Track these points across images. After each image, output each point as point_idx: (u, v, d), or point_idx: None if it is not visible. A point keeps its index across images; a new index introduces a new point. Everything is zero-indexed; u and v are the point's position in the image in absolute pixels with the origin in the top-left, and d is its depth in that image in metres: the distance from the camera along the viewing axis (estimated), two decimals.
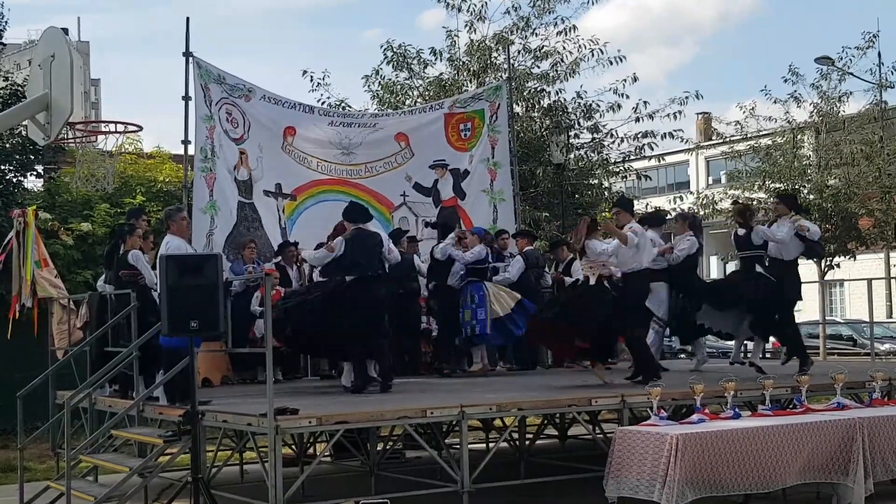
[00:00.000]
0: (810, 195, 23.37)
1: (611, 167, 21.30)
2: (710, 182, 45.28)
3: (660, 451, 7.96)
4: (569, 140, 19.87)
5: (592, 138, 20.93)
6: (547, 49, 20.32)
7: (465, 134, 15.54)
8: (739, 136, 26.20)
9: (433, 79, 20.42)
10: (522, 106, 20.12)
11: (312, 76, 20.33)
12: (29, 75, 11.49)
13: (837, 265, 25.21)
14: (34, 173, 18.53)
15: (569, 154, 20.08)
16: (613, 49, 20.50)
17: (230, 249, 12.91)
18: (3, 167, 17.36)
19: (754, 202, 24.09)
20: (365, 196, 14.35)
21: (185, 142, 13.05)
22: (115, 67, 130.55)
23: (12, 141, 17.11)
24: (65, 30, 11.25)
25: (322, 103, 19.48)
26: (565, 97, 20.52)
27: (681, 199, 24.62)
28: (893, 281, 31.28)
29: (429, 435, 10.57)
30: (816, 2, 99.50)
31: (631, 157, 21.46)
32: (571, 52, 20.15)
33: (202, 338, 9.45)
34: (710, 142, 34.46)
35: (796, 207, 11.57)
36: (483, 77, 19.81)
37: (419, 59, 20.48)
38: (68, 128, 11.67)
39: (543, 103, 20.41)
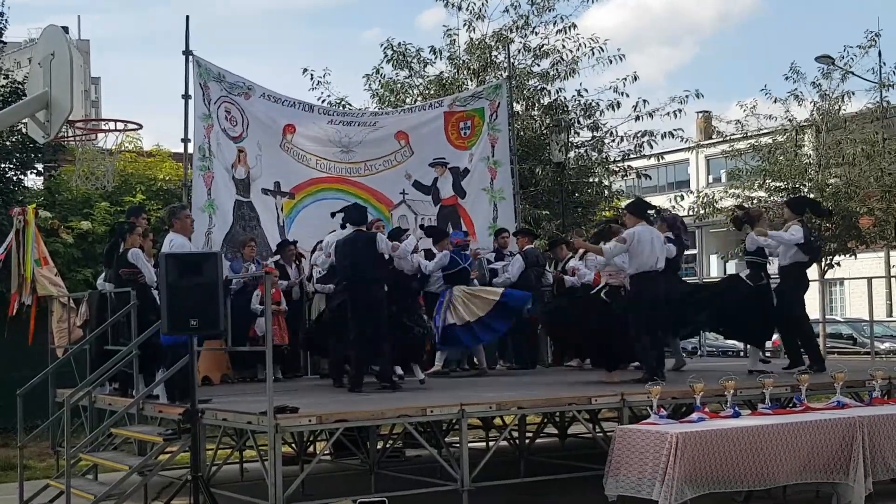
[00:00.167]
0: (810, 194, 23.35)
1: (610, 166, 21.27)
2: (711, 181, 45.28)
3: (660, 450, 7.96)
4: (569, 139, 19.86)
5: (592, 137, 20.93)
6: (547, 48, 20.32)
7: (465, 132, 15.53)
8: (740, 135, 26.19)
9: (433, 77, 20.41)
10: (522, 104, 20.11)
11: (313, 74, 20.36)
12: (29, 73, 11.48)
13: (838, 264, 25.20)
14: (34, 171, 18.55)
15: (569, 153, 20.07)
16: (613, 48, 20.56)
17: (228, 248, 12.91)
18: (4, 165, 17.36)
19: (754, 201, 24.17)
20: (364, 194, 14.36)
21: (185, 140, 13.05)
22: (115, 67, 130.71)
23: (12, 139, 17.10)
24: (65, 28, 11.22)
25: (322, 102, 19.48)
26: (565, 96, 20.57)
27: (681, 198, 24.54)
28: (893, 280, 31.26)
29: (429, 433, 10.57)
30: (816, 2, 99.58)
31: (631, 156, 21.43)
32: (571, 51, 20.18)
33: (202, 336, 9.46)
34: (711, 140, 34.46)
35: (799, 211, 11.51)
36: (483, 75, 19.80)
37: (419, 58, 20.47)
38: (68, 126, 11.70)
39: (543, 102, 20.41)
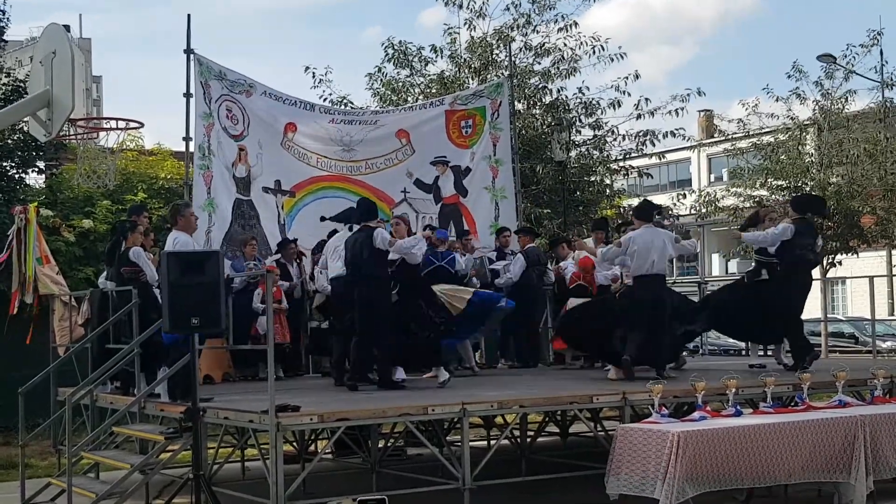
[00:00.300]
0: (812, 193, 23.32)
1: (612, 165, 21.26)
2: (713, 180, 45.24)
3: (661, 449, 7.95)
4: (570, 137, 19.85)
5: (594, 135, 20.91)
6: (548, 46, 20.30)
7: (467, 131, 15.53)
8: (742, 134, 26.14)
9: (434, 76, 20.40)
10: (524, 103, 20.09)
11: (314, 73, 20.35)
12: (30, 72, 11.47)
13: (839, 263, 25.17)
14: (36, 170, 18.55)
15: (570, 152, 20.06)
16: (614, 47, 20.52)
17: (228, 246, 12.91)
18: (5, 163, 17.37)
19: (755, 199, 24.15)
20: (365, 192, 14.32)
21: (187, 139, 13.06)
22: (116, 67, 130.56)
23: (14, 137, 17.11)
24: (66, 27, 11.21)
25: (324, 100, 19.48)
26: (567, 94, 20.55)
27: (683, 197, 24.52)
28: (895, 278, 31.25)
29: (430, 432, 10.58)
30: (816, 2, 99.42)
31: (632, 155, 21.41)
32: (572, 49, 20.17)
33: (204, 335, 9.46)
34: (712, 139, 34.42)
35: (800, 210, 11.52)
36: (484, 74, 19.78)
37: (420, 57, 20.46)
38: (70, 124, 11.67)
39: (545, 100, 20.40)
